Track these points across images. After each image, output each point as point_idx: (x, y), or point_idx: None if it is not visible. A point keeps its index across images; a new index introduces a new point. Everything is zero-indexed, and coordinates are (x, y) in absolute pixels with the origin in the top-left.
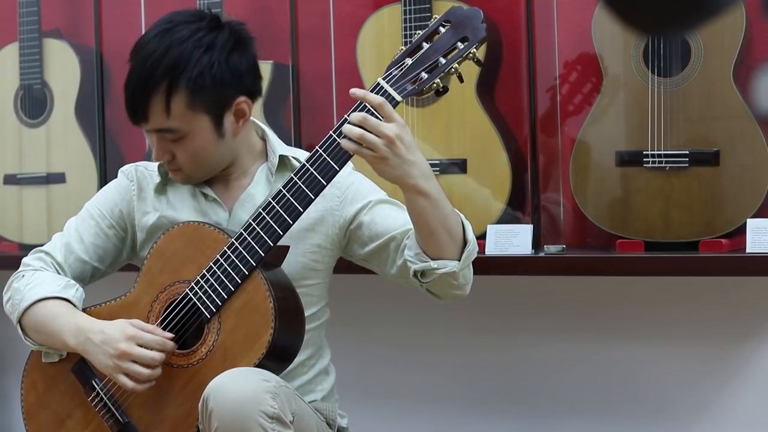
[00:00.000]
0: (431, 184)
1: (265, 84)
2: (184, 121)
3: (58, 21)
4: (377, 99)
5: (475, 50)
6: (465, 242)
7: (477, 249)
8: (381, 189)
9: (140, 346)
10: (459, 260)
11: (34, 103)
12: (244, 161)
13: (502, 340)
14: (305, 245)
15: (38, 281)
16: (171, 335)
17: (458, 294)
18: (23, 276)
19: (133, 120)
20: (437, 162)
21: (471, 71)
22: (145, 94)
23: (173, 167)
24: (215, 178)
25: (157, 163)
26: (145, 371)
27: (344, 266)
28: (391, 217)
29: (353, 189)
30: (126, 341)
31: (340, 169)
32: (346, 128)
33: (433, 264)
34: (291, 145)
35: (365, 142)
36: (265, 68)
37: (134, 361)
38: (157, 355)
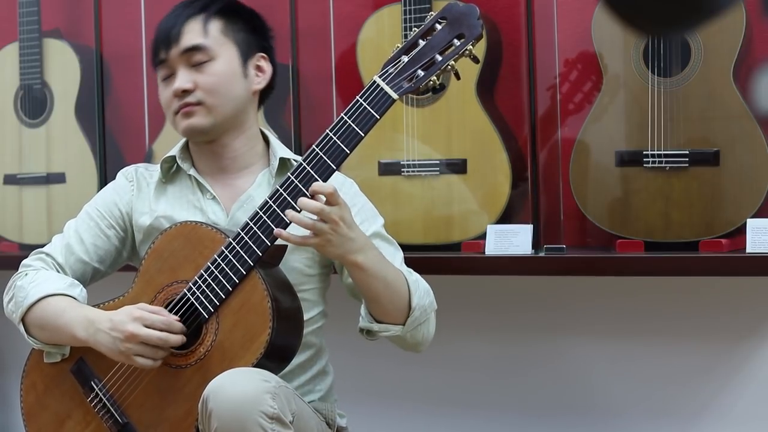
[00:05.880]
0: (369, 255)
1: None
2: (217, 43)
3: (58, 21)
4: (328, 188)
5: (471, 47)
6: (411, 308)
7: (428, 312)
8: (380, 216)
9: (147, 326)
10: (403, 324)
11: (34, 103)
12: (245, 156)
13: (502, 340)
14: (302, 252)
15: (42, 279)
16: (176, 318)
17: (412, 350)
18: (26, 275)
19: (165, 43)
20: (437, 162)
21: (471, 71)
22: (185, 15)
23: (193, 102)
24: (216, 177)
25: (159, 162)
26: (155, 351)
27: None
28: None
29: (354, 213)
30: (132, 322)
31: (337, 167)
32: (304, 204)
33: (376, 327)
34: (291, 146)
35: (315, 229)
36: None
37: (144, 343)
38: (164, 335)
